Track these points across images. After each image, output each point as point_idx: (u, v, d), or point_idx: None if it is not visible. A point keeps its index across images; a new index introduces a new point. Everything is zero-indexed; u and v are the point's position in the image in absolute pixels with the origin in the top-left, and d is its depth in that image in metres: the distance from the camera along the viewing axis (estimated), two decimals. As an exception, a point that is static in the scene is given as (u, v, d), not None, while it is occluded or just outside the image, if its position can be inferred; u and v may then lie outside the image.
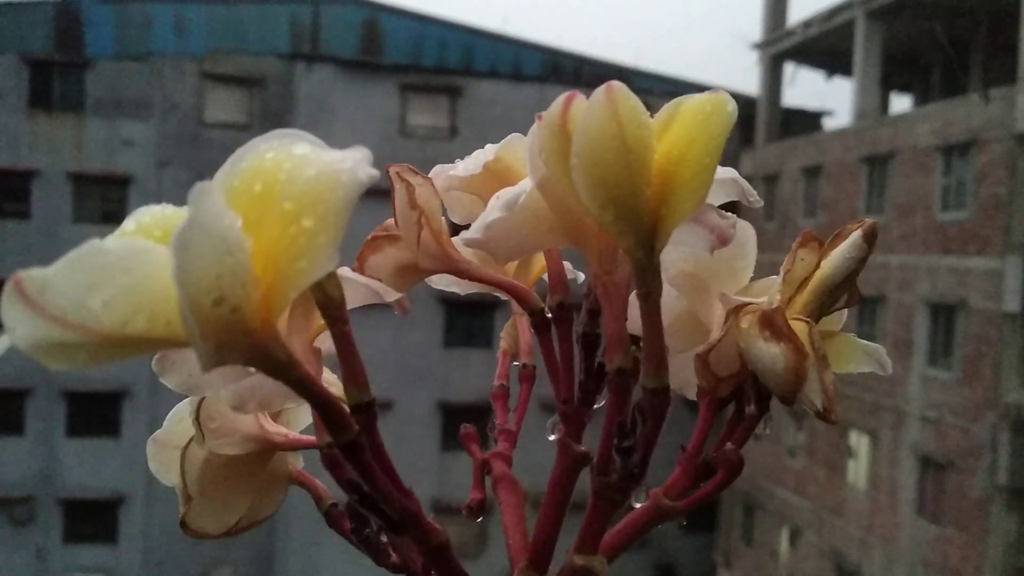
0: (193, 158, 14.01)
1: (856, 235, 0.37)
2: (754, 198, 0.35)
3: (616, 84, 0.28)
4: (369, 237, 0.37)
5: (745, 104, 15.76)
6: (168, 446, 0.42)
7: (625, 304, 0.33)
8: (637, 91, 0.28)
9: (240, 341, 0.24)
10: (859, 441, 11.44)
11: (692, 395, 0.41)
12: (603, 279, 0.32)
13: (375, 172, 0.25)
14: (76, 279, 0.21)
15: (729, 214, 0.36)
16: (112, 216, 13.77)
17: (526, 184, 0.32)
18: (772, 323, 0.36)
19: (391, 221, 0.38)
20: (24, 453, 13.24)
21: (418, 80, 14.57)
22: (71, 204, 13.69)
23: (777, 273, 0.39)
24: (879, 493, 10.98)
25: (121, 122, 13.83)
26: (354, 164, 0.25)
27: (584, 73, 15.35)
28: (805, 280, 0.38)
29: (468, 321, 13.81)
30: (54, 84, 13.75)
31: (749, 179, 0.30)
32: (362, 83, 14.28)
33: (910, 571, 10.30)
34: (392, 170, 0.36)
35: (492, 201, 0.33)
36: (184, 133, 14.07)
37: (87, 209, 13.78)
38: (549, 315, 0.38)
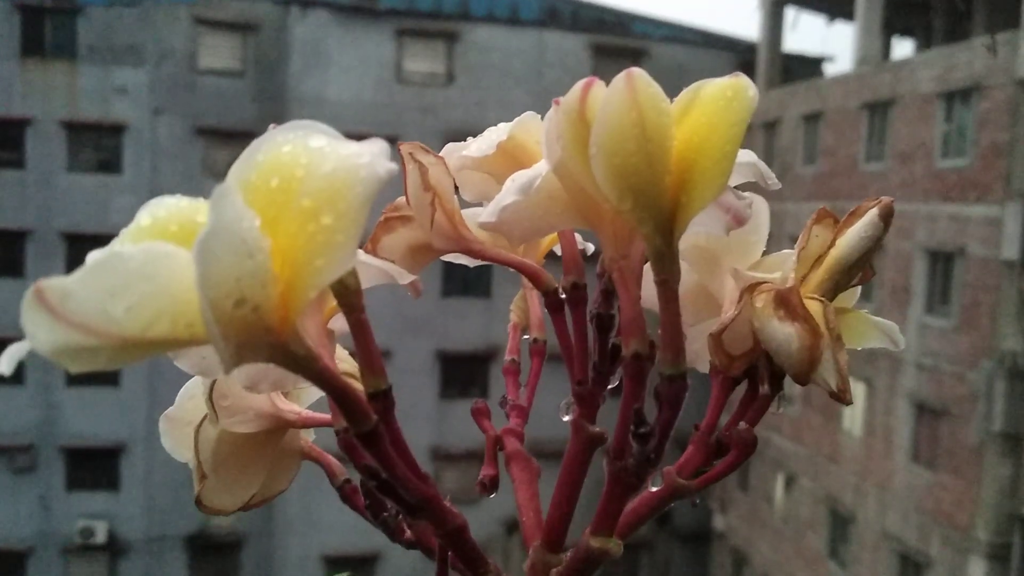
0: (187, 105, 13.87)
1: (872, 213, 0.37)
2: (772, 180, 0.34)
3: (636, 71, 0.27)
4: (382, 218, 0.37)
5: (745, 49, 15.61)
6: (181, 422, 0.42)
7: (639, 287, 0.33)
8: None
9: (260, 340, 0.24)
10: (855, 388, 11.51)
11: (703, 368, 0.41)
12: (619, 263, 0.32)
13: (393, 166, 0.25)
14: (98, 287, 0.21)
15: (745, 194, 0.35)
16: (107, 165, 13.69)
17: (541, 167, 0.32)
18: (787, 303, 0.36)
19: (402, 200, 0.37)
20: (25, 402, 13.32)
21: (414, 25, 14.38)
22: (65, 152, 13.58)
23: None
24: (874, 440, 11.09)
25: (114, 69, 13.66)
26: (372, 158, 0.24)
27: (582, 18, 15.14)
28: (820, 257, 0.38)
29: (465, 271, 13.68)
30: (46, 31, 13.57)
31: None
32: (357, 29, 14.09)
33: (904, 517, 10.45)
34: (404, 149, 0.35)
35: (507, 183, 0.32)
36: (178, 80, 13.91)
37: (81, 158, 13.68)
38: (562, 295, 0.38)
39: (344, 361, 0.39)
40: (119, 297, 0.21)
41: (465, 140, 0.39)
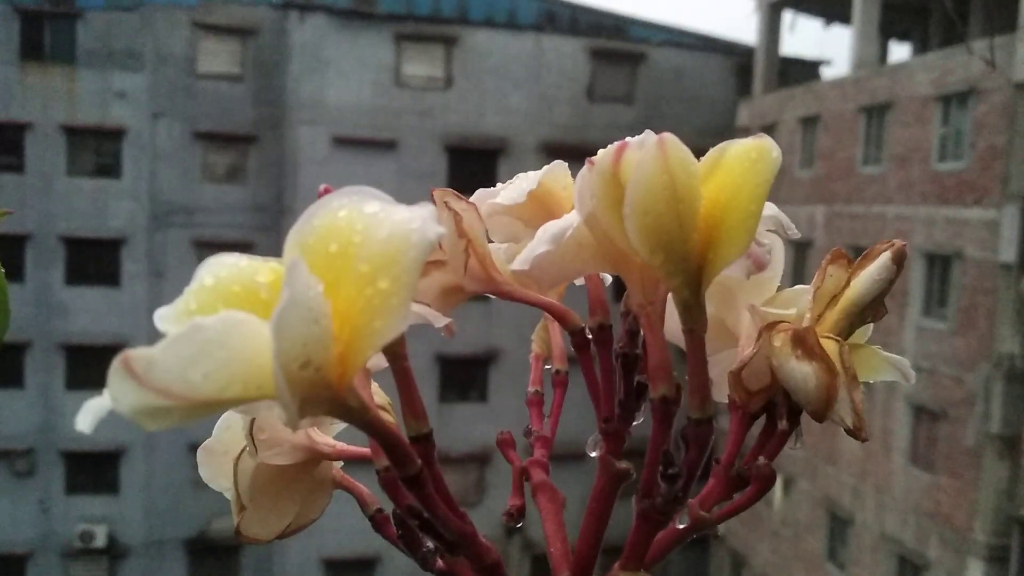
0: (186, 109, 13.89)
1: (885, 256, 0.39)
2: (792, 231, 0.36)
3: (668, 136, 0.29)
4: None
5: (743, 53, 15.63)
6: (216, 453, 0.43)
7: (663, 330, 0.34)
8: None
9: (321, 395, 0.25)
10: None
11: (719, 397, 0.43)
12: (646, 308, 0.34)
13: (442, 230, 0.26)
14: (179, 356, 0.22)
15: (765, 240, 0.37)
16: (106, 169, 13.70)
17: (572, 218, 0.33)
18: (804, 342, 0.37)
19: (434, 243, 0.39)
20: (25, 406, 13.32)
21: (413, 30, 14.40)
22: (65, 157, 13.60)
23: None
24: (872, 442, 11.11)
25: (113, 74, 13.68)
26: (422, 223, 0.26)
27: (580, 22, 15.16)
28: (834, 296, 0.40)
29: (465, 273, 13.78)
30: (45, 35, 13.58)
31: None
32: (356, 33, 14.11)
33: (902, 518, 10.47)
34: (437, 196, 0.37)
35: (539, 233, 0.34)
36: (177, 84, 13.93)
37: (81, 162, 13.70)
38: (589, 335, 0.39)
39: (377, 394, 0.41)
40: (198, 364, 0.23)
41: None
